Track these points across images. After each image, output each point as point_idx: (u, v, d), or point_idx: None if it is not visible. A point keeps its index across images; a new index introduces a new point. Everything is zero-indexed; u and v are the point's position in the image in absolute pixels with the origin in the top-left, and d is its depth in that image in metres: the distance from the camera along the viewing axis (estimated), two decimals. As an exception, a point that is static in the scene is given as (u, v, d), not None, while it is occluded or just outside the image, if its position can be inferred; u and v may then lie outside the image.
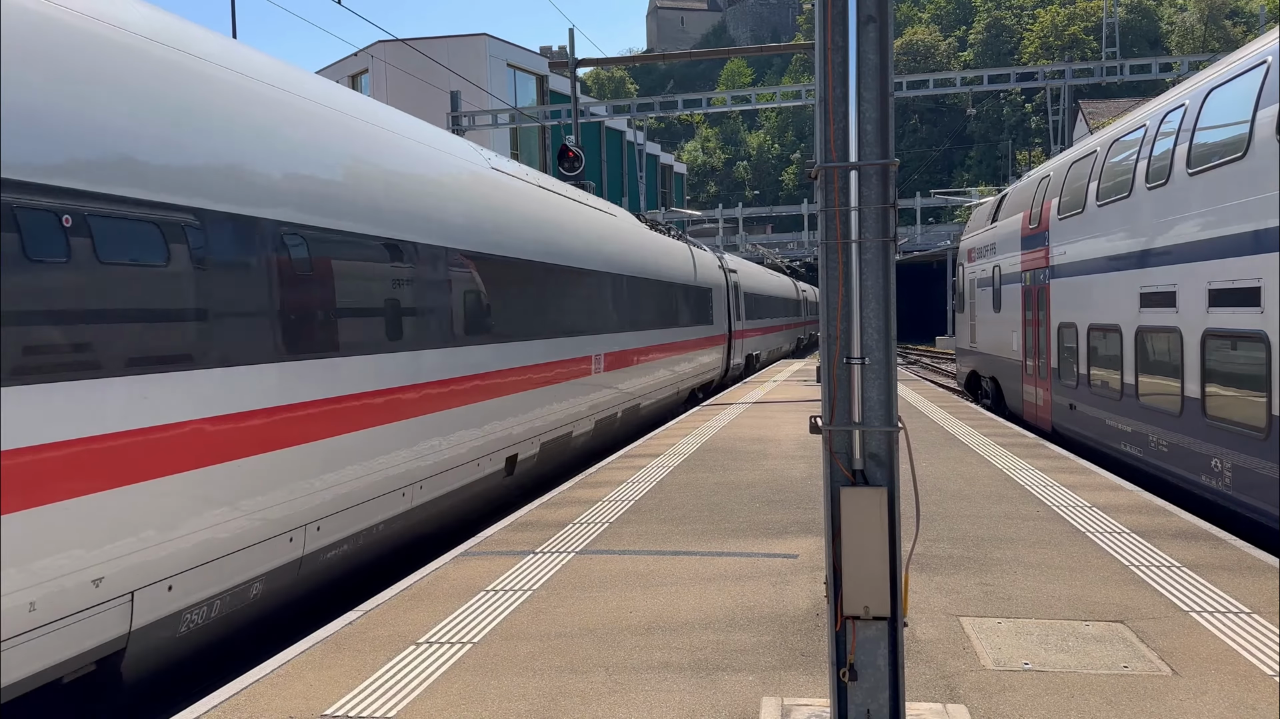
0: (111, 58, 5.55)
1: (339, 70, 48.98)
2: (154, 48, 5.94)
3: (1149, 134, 11.12)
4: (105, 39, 5.54)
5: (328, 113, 7.92)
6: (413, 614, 6.45)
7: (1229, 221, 8.79)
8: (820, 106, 4.16)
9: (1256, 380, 8.30)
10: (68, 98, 5.15)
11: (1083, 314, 13.23)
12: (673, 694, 5.02)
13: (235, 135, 6.47)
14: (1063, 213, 14.36)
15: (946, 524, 8.64)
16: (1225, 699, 4.82)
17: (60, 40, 5.20)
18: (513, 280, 10.98)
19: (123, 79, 5.59)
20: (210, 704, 5.04)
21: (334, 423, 7.13)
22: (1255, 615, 6.04)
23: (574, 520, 9.16)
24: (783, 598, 6.61)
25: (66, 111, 5.12)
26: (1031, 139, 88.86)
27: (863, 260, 4.13)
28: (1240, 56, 9.38)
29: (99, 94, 5.37)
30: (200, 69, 6.34)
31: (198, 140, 6.06)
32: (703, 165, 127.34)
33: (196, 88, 6.23)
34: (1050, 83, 35.60)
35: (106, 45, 5.54)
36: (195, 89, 6.21)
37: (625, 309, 16.09)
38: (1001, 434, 14.68)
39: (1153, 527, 8.40)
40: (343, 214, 7.55)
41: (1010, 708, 4.77)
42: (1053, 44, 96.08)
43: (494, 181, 11.39)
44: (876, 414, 4.16)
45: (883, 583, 4.10)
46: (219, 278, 6.02)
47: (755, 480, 11.05)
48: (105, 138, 5.34)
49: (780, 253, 62.95)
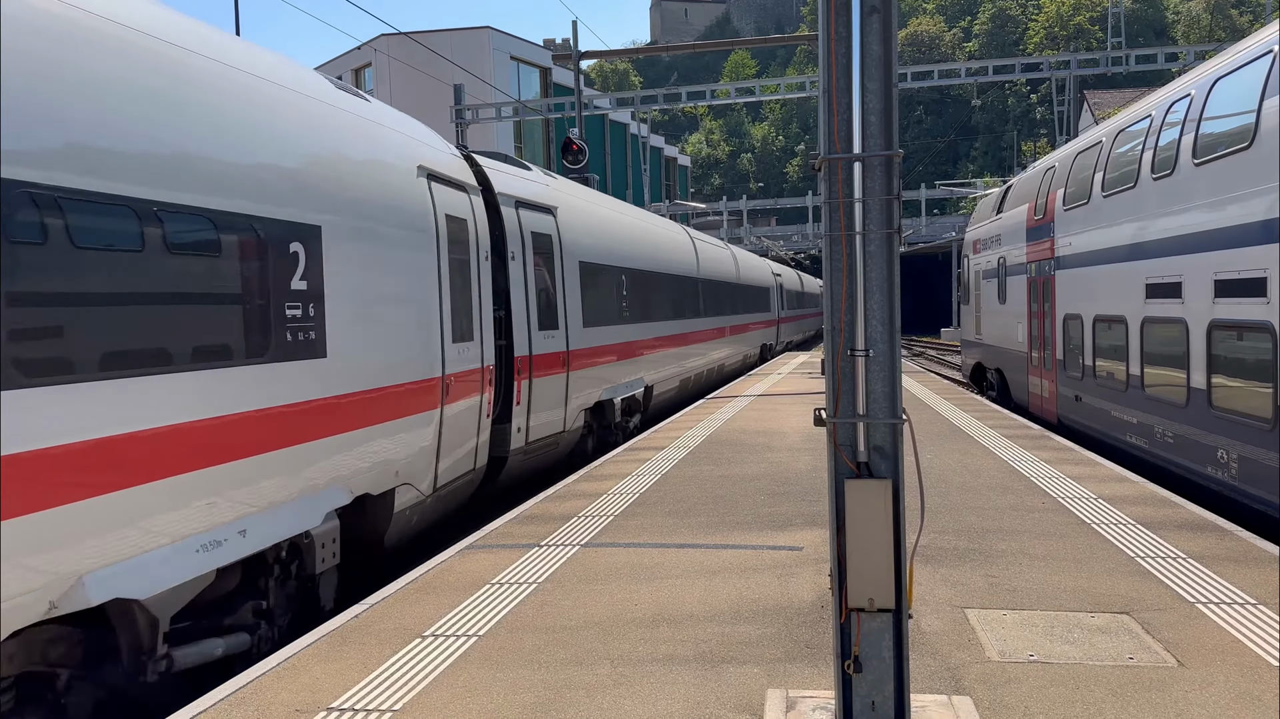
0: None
1: (342, 64, 48.97)
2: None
3: (1155, 124, 11.07)
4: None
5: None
6: (418, 607, 6.46)
7: (1235, 212, 8.76)
8: (824, 98, 4.15)
9: (1263, 371, 8.27)
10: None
11: (1088, 305, 13.20)
12: (678, 686, 5.02)
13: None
14: (1068, 204, 14.32)
15: (951, 516, 8.63)
16: (1231, 690, 4.82)
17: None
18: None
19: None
20: (217, 697, 5.05)
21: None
22: (1261, 607, 6.03)
23: (579, 513, 9.17)
24: (787, 590, 6.61)
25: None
26: (1037, 130, 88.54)
27: (867, 252, 4.12)
28: (1246, 46, 9.34)
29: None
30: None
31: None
32: (707, 158, 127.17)
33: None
34: (1055, 73, 35.44)
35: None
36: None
37: (740, 301, 29.92)
38: (1007, 426, 14.66)
39: (1158, 518, 8.39)
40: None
41: (1015, 699, 4.77)
42: (1058, 34, 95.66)
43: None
44: (881, 406, 4.15)
45: (887, 575, 4.10)
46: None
47: (760, 473, 11.05)
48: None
49: (784, 245, 62.84)
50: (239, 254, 6.09)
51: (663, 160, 70.80)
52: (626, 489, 10.29)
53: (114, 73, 5.37)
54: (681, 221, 33.23)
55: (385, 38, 44.11)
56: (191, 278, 5.66)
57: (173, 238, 5.49)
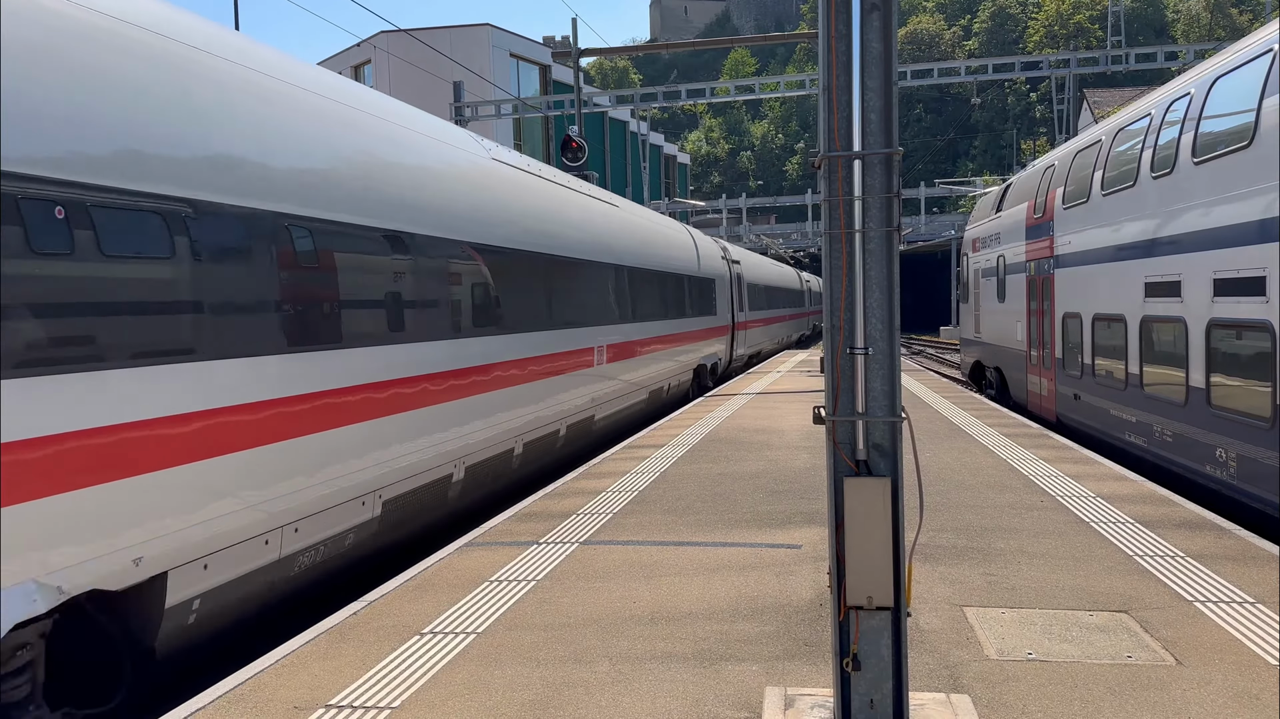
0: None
1: (341, 61, 48.91)
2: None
3: (1154, 123, 11.07)
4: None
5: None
6: (417, 604, 6.46)
7: (1234, 211, 8.76)
8: (824, 95, 4.14)
9: (1261, 370, 8.28)
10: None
11: (1087, 304, 13.21)
12: (676, 684, 5.02)
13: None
14: (1067, 202, 14.32)
15: (950, 514, 8.64)
16: (1229, 689, 4.82)
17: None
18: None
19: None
20: (215, 694, 5.05)
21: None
22: (1259, 605, 6.03)
23: (578, 511, 9.17)
24: (786, 588, 6.61)
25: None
26: (1036, 128, 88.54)
27: (866, 250, 4.12)
28: (1246, 45, 9.33)
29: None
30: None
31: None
32: (706, 155, 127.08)
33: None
34: (1055, 72, 35.43)
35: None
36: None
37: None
38: (1006, 424, 14.66)
39: (1157, 517, 8.39)
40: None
41: (1014, 698, 4.77)
42: (1058, 33, 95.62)
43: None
44: (880, 404, 4.15)
45: (886, 573, 4.10)
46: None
47: (759, 471, 11.05)
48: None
49: (784, 243, 62.85)
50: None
51: (662, 158, 70.77)
52: (625, 487, 10.29)
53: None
54: (681, 219, 31.14)
55: (385, 35, 44.08)
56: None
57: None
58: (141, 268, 5.50)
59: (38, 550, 4.76)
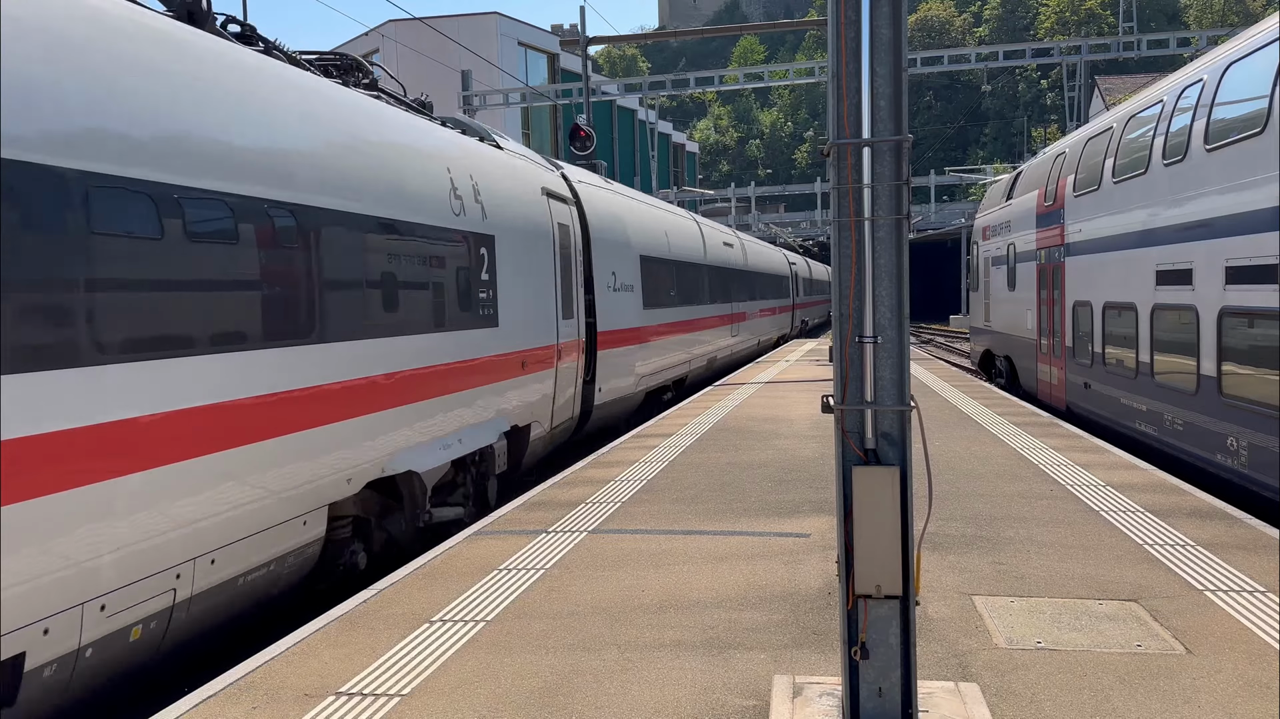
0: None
1: (349, 50, 48.82)
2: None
3: (1166, 110, 10.99)
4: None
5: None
6: (426, 593, 6.49)
7: (1247, 198, 8.70)
8: (833, 82, 4.12)
9: (1273, 358, 8.23)
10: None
11: (1098, 292, 13.15)
12: (685, 672, 5.04)
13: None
14: (1078, 190, 14.24)
15: (959, 503, 8.62)
16: (1239, 678, 4.81)
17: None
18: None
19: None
20: (226, 681, 5.09)
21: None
22: (1270, 594, 6.01)
23: (586, 500, 9.18)
24: (794, 577, 6.62)
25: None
26: (1047, 116, 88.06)
27: (876, 238, 4.09)
28: (1259, 30, 9.25)
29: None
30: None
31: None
32: (715, 144, 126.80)
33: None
34: (1066, 59, 35.20)
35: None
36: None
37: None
38: (1015, 413, 14.63)
39: (1167, 505, 8.37)
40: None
41: (1023, 686, 4.77)
42: (1069, 19, 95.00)
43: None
44: (889, 393, 4.14)
45: (894, 562, 4.09)
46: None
47: (767, 460, 11.05)
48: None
49: (793, 232, 62.70)
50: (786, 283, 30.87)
51: (671, 146, 70.57)
52: (634, 475, 10.30)
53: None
54: (690, 208, 33.01)
55: (393, 23, 43.98)
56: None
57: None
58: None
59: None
